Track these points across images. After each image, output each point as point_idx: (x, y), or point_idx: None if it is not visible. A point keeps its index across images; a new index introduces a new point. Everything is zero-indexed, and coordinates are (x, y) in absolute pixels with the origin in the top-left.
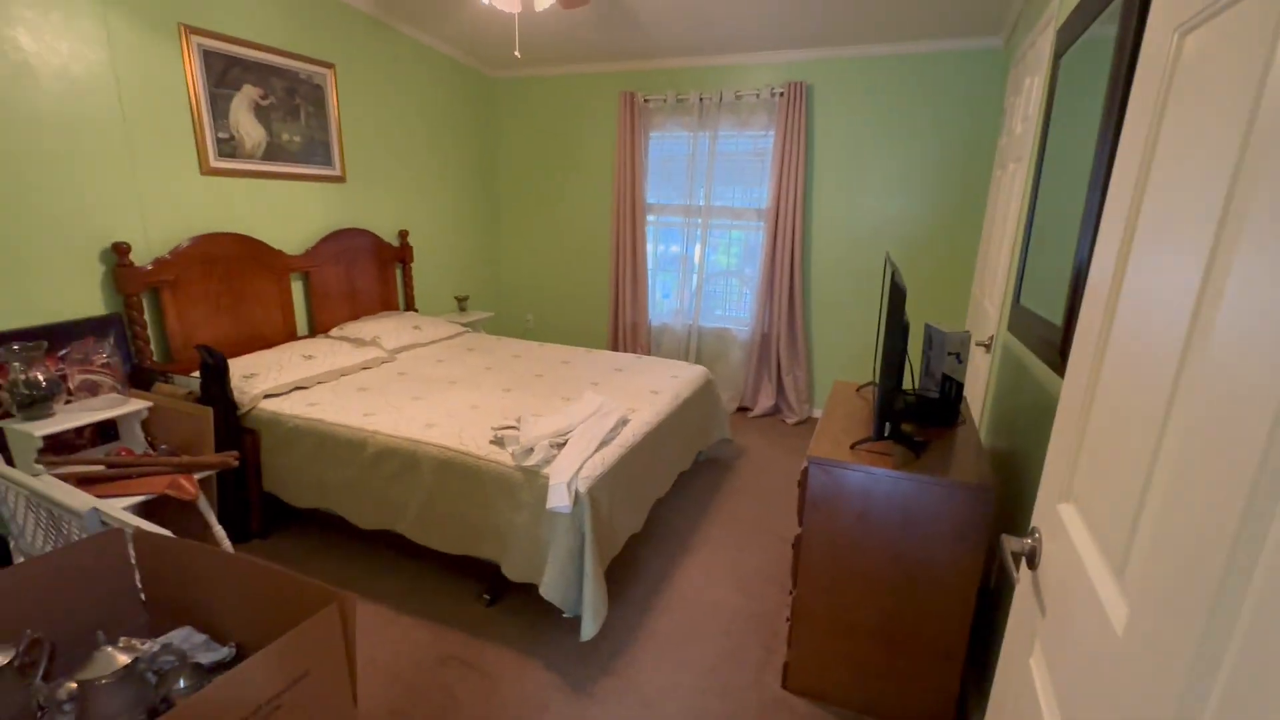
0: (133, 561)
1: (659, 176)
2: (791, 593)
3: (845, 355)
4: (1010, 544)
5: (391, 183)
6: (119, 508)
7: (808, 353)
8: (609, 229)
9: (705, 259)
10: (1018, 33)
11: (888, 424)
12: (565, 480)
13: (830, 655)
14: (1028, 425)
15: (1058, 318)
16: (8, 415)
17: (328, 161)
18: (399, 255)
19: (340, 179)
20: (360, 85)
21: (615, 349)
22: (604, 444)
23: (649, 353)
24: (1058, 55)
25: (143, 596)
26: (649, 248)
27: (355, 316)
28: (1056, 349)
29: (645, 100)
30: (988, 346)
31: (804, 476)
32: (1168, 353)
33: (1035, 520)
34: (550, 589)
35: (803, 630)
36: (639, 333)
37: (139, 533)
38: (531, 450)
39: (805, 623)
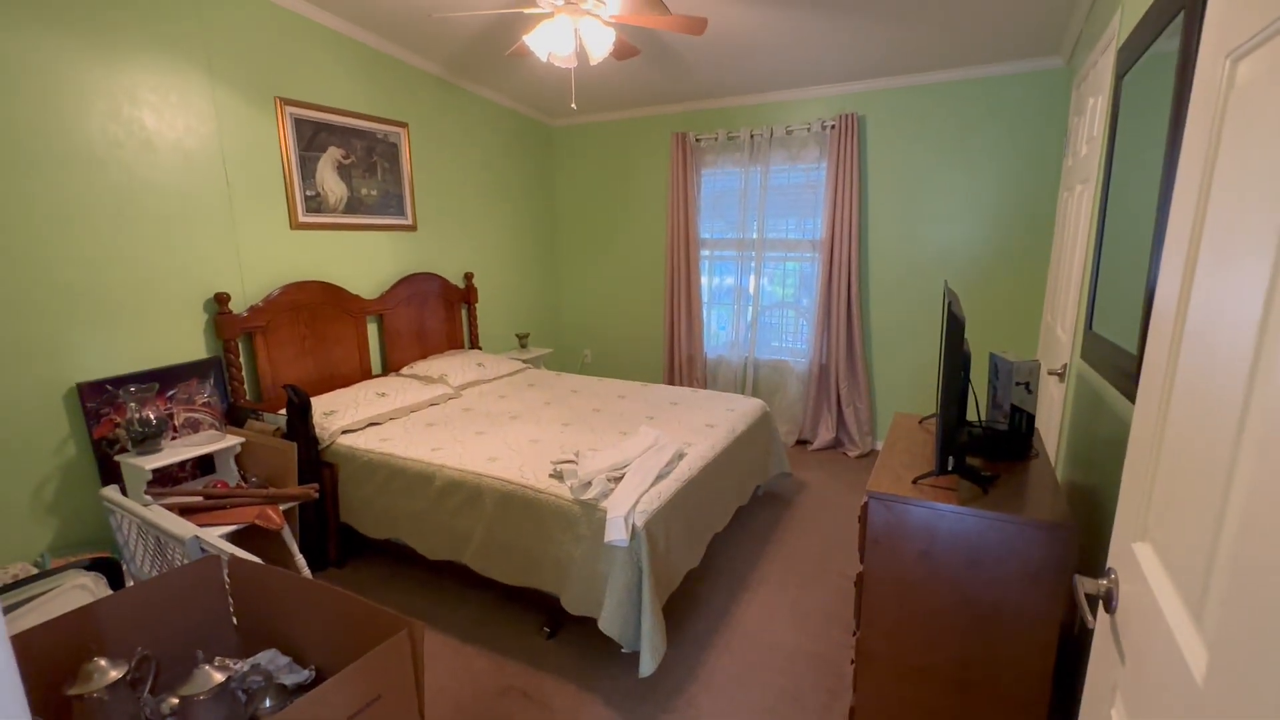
0: (227, 586)
1: (711, 212)
2: (855, 634)
3: (907, 386)
4: (1085, 585)
5: (458, 229)
6: (216, 535)
7: (869, 384)
8: (663, 265)
9: (760, 291)
10: (1079, 52)
11: (951, 458)
12: (622, 514)
13: (897, 701)
14: (1105, 458)
15: (1131, 345)
16: (123, 450)
17: (401, 212)
18: (464, 296)
19: (412, 228)
20: (430, 141)
21: (671, 383)
22: (660, 478)
23: (705, 386)
24: (1120, 75)
25: (234, 619)
26: (703, 281)
27: (424, 355)
28: (1131, 378)
29: (697, 139)
30: (1061, 375)
31: (864, 512)
32: (1233, 383)
33: (1111, 560)
34: (609, 623)
35: (868, 673)
36: (694, 366)
37: (233, 559)
38: (589, 484)
39: (870, 665)
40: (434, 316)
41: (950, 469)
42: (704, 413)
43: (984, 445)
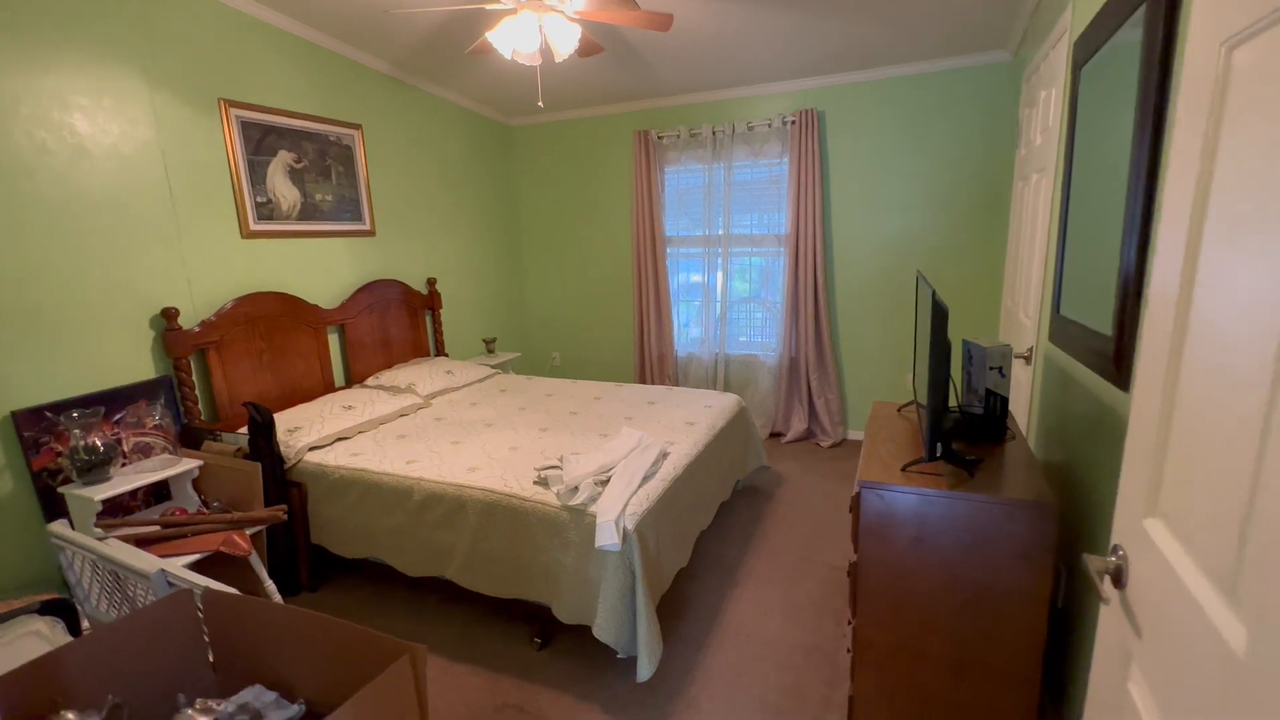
0: (201, 620)
1: (676, 209)
2: (850, 623)
3: (877, 374)
4: (1093, 563)
5: (418, 232)
6: (181, 567)
7: (838, 374)
8: (629, 263)
9: (728, 287)
10: (1026, 46)
11: (939, 444)
12: (613, 518)
13: (896, 688)
14: (1082, 435)
15: (1106, 327)
16: (67, 480)
17: (358, 217)
18: (428, 302)
19: (370, 233)
20: (386, 142)
21: (643, 382)
22: (647, 479)
23: (676, 384)
24: (1077, 66)
25: (210, 655)
26: (671, 279)
27: (389, 365)
28: (1108, 358)
29: (659, 137)
30: (1028, 359)
31: (855, 502)
32: (1260, 359)
33: (1117, 537)
34: (603, 629)
35: (865, 662)
36: (666, 364)
37: (208, 592)
38: (576, 489)
39: (867, 654)
40: (397, 324)
41: (938, 455)
42: (682, 411)
43: (963, 430)
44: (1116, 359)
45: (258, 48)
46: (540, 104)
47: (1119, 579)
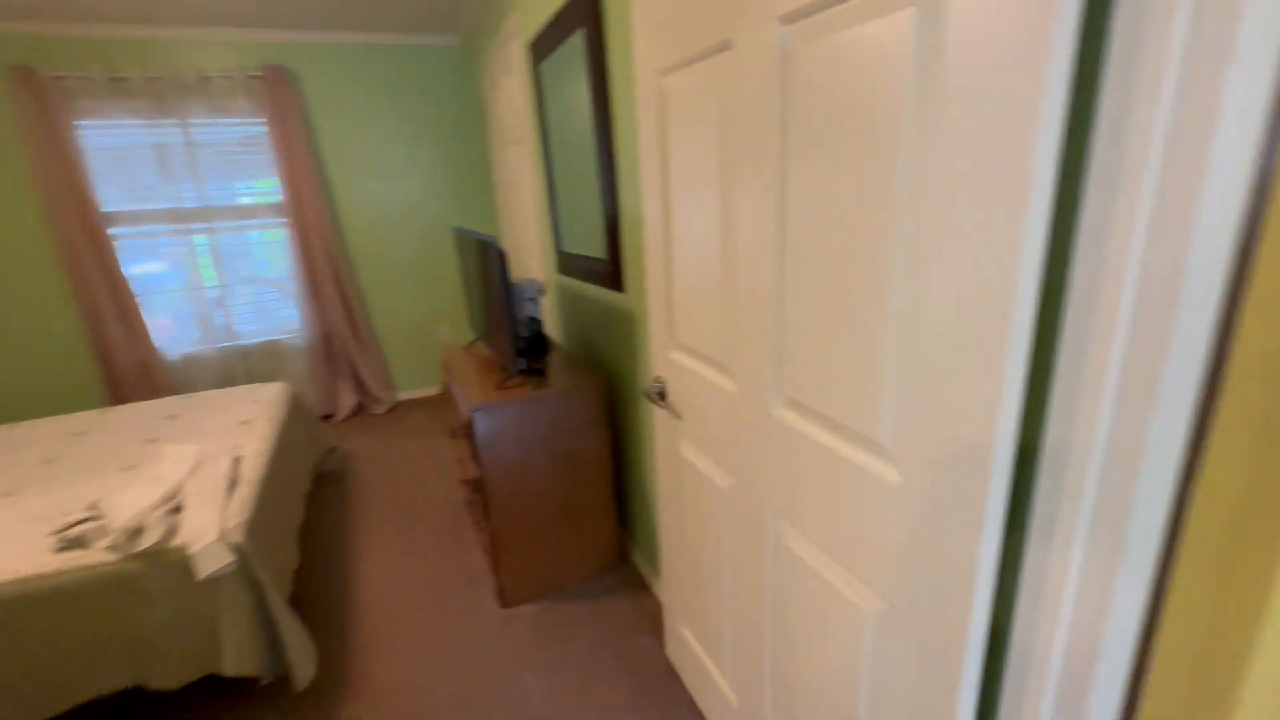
0: None
1: (114, 176)
2: (485, 530)
3: (414, 332)
4: (649, 391)
5: None
6: None
7: (375, 340)
8: (47, 255)
9: (224, 267)
10: (478, 38)
11: (524, 360)
12: (213, 539)
13: (531, 560)
14: (599, 329)
15: (602, 253)
16: None
17: None
18: None
19: None
20: None
21: (120, 401)
22: (234, 485)
23: (173, 392)
24: (536, 63)
25: None
26: (128, 267)
27: None
28: (607, 275)
29: (58, 78)
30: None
31: (468, 428)
32: (708, 251)
33: (656, 370)
34: (239, 662)
35: (506, 552)
36: (153, 374)
37: None
38: (141, 530)
39: (506, 545)
40: None
41: (522, 369)
42: (225, 413)
43: (525, 350)
44: (613, 274)
45: None
46: None
47: (664, 395)
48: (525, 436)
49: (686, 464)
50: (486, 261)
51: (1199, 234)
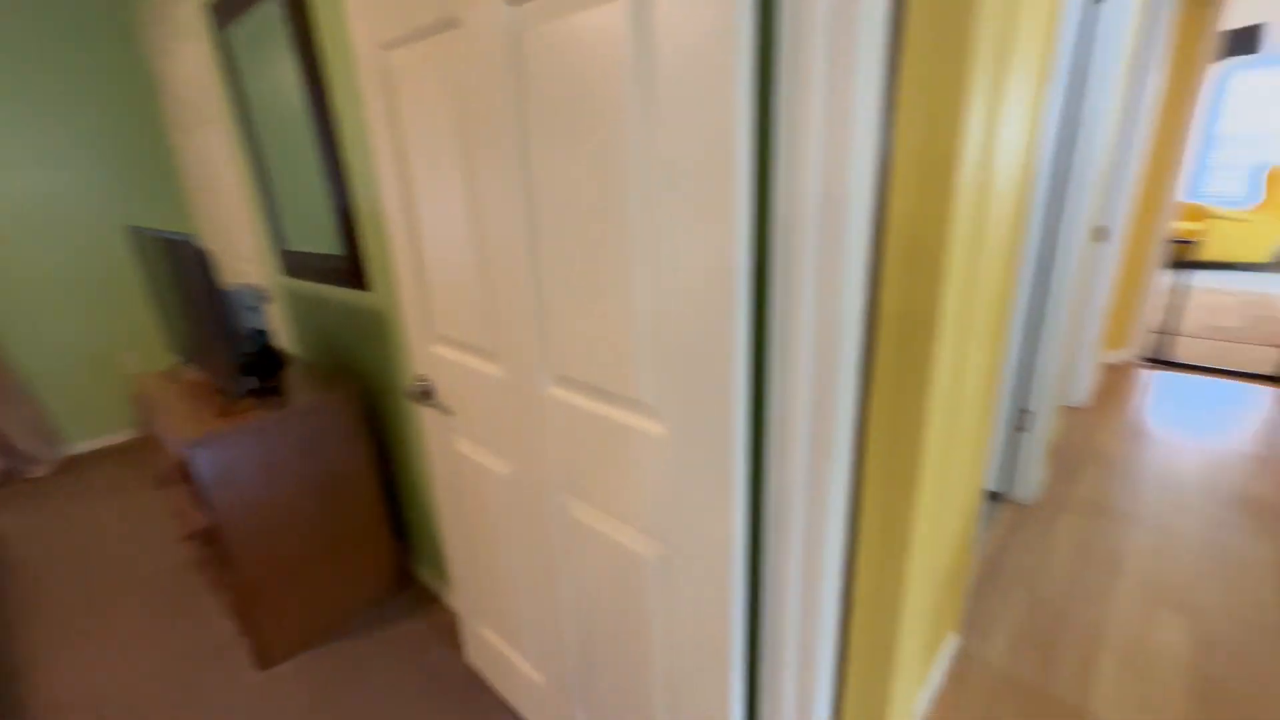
0: None
1: None
2: (227, 587)
3: (86, 359)
4: (414, 393)
5: None
6: None
7: (18, 382)
8: None
9: None
10: None
11: (254, 379)
12: None
13: (290, 606)
14: (344, 333)
15: (338, 249)
16: None
17: None
18: None
19: None
20: None
21: None
22: None
23: None
24: (221, 27)
25: None
26: None
27: None
28: (346, 272)
29: None
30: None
31: (184, 471)
32: (464, 237)
33: (420, 369)
34: None
35: (257, 606)
36: None
37: None
38: None
39: (257, 598)
40: None
41: (252, 390)
42: None
43: (251, 368)
44: (353, 270)
45: None
46: None
47: (430, 393)
48: (266, 466)
49: (464, 459)
50: (181, 266)
51: (851, 164)
